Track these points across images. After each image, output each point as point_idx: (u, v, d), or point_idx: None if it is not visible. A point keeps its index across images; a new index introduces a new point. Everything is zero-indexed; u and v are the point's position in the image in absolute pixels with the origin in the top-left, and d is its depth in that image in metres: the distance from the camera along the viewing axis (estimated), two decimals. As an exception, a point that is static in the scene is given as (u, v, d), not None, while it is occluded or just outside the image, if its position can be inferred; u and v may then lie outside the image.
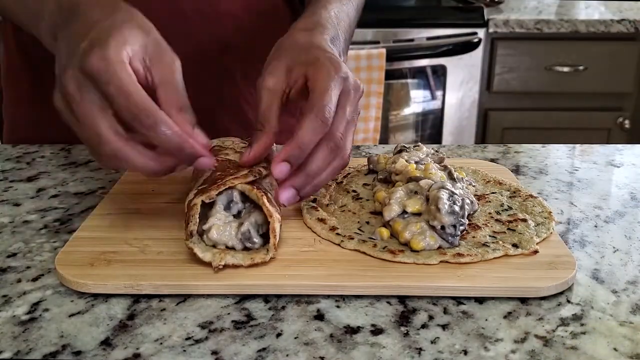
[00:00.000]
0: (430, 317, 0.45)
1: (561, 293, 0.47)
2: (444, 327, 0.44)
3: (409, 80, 2.00)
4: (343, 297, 0.47)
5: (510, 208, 0.58)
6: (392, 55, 1.84)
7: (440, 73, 1.97)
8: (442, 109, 2.01)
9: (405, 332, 0.43)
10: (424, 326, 0.44)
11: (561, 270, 0.48)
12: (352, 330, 0.43)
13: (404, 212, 0.53)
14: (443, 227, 0.50)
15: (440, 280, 0.47)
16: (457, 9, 2.02)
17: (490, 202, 0.59)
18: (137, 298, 0.47)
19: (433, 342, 0.42)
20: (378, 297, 0.47)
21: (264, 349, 0.41)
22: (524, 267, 0.49)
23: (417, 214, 0.53)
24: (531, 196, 0.60)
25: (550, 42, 1.96)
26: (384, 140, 2.00)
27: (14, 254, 0.53)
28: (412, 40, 1.92)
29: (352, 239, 0.52)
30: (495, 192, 0.61)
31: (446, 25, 1.92)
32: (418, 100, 2.03)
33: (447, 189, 0.52)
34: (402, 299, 0.47)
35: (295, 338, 0.42)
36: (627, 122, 2.01)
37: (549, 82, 1.99)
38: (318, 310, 0.45)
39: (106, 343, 0.42)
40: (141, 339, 0.42)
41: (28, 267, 0.51)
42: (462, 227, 0.51)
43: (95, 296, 0.47)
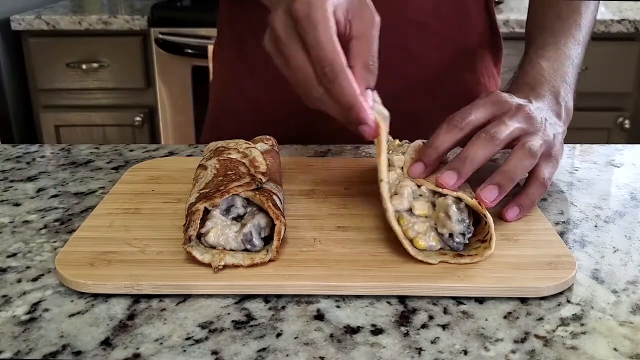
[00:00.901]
0: (430, 317, 0.45)
1: (561, 293, 0.47)
2: (444, 327, 0.44)
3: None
4: (343, 297, 0.47)
5: None
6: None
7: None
8: (442, 109, 2.01)
9: (405, 332, 0.43)
10: (424, 326, 0.44)
11: (561, 270, 0.48)
12: (352, 330, 0.43)
13: (410, 209, 0.53)
14: (451, 235, 0.50)
15: (440, 280, 0.47)
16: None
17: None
18: (137, 298, 0.47)
19: (433, 342, 0.42)
20: (378, 297, 0.47)
21: (264, 349, 0.41)
22: (524, 267, 0.49)
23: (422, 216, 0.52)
24: None
25: (550, 42, 1.96)
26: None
27: (14, 254, 0.53)
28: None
29: None
30: None
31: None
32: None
33: (453, 196, 0.52)
34: (402, 299, 0.47)
35: (295, 338, 0.42)
36: (627, 122, 2.01)
37: (549, 82, 1.99)
38: (318, 310, 0.45)
39: (106, 343, 0.42)
40: (141, 339, 0.42)
41: (28, 267, 0.51)
42: (469, 235, 0.51)
43: (95, 296, 0.47)
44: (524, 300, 0.47)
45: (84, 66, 2.02)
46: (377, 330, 0.43)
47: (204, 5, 2.08)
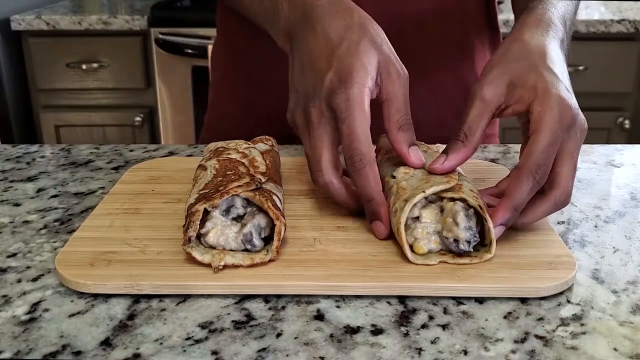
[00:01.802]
0: (430, 317, 0.45)
1: (561, 293, 0.47)
2: (444, 327, 0.44)
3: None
4: (343, 297, 0.47)
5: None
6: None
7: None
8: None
9: (405, 332, 0.43)
10: (424, 326, 0.44)
11: (561, 270, 0.48)
12: (352, 330, 0.43)
13: (417, 217, 0.52)
14: (456, 240, 0.50)
15: (440, 280, 0.47)
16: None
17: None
18: (137, 298, 0.47)
19: (433, 342, 0.42)
20: (378, 297, 0.47)
21: (264, 349, 0.41)
22: (524, 267, 0.49)
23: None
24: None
25: (550, 42, 1.96)
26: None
27: (14, 254, 0.53)
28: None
29: None
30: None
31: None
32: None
33: (463, 202, 0.51)
34: (402, 299, 0.47)
35: (295, 338, 0.42)
36: (627, 122, 2.01)
37: (549, 82, 1.99)
38: (318, 310, 0.45)
39: (106, 343, 0.42)
40: (141, 339, 0.42)
41: (28, 267, 0.51)
42: (474, 243, 0.50)
43: (95, 296, 0.47)
44: (524, 301, 0.47)
45: (84, 66, 2.02)
46: (377, 330, 0.43)
47: (204, 5, 2.08)
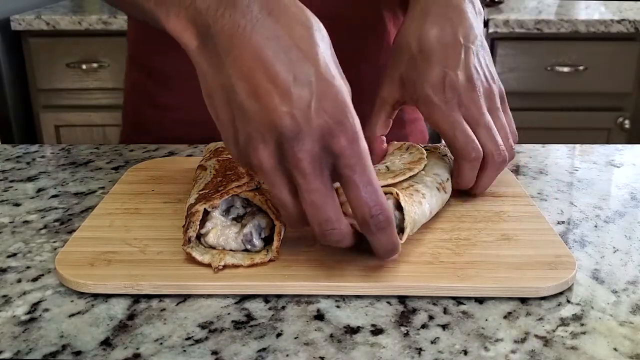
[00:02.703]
0: (430, 317, 0.45)
1: (561, 293, 0.47)
2: (444, 327, 0.44)
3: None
4: (343, 297, 0.47)
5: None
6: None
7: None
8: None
9: (405, 332, 0.43)
10: (424, 326, 0.44)
11: (561, 270, 0.48)
12: (352, 330, 0.43)
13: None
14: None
15: (440, 280, 0.47)
16: (457, 9, 2.01)
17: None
18: (137, 298, 0.47)
19: (433, 342, 0.42)
20: (378, 297, 0.47)
21: (264, 349, 0.41)
22: (524, 267, 0.49)
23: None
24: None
25: (550, 42, 1.96)
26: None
27: (14, 254, 0.53)
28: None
29: None
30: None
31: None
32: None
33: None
34: (402, 299, 0.47)
35: (295, 338, 0.42)
36: (627, 122, 2.01)
37: (549, 82, 1.99)
38: (318, 310, 0.45)
39: (106, 343, 0.42)
40: (141, 339, 0.42)
41: (28, 267, 0.51)
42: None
43: (95, 296, 0.47)
44: (524, 301, 0.47)
45: (84, 66, 2.02)
46: (377, 330, 0.43)
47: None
